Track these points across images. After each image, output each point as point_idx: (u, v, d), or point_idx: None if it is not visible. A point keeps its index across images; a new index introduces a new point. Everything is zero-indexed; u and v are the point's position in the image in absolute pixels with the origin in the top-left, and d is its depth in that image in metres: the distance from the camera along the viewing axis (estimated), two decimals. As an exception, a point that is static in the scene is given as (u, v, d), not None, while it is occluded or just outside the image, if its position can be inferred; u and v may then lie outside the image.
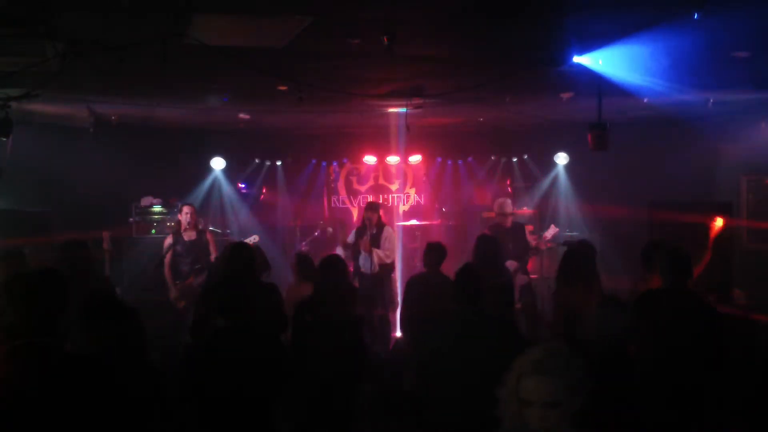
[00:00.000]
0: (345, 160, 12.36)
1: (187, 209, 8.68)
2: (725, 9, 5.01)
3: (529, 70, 6.65)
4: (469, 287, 4.52)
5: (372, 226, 8.70)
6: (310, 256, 7.69)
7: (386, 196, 12.45)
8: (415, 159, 11.92)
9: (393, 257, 8.73)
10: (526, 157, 11.93)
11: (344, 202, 12.45)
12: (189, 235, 8.56)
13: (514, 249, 8.30)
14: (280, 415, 4.51)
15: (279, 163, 12.13)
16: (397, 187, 12.51)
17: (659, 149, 10.33)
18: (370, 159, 12.01)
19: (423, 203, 12.32)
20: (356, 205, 12.28)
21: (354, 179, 12.49)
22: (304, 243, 10.84)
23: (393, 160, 12.08)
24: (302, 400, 4.90)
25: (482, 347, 4.19)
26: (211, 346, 4.23)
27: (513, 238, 8.47)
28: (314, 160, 12.27)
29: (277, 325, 5.44)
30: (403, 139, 10.81)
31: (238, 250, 5.80)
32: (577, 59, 6.10)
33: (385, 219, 10.23)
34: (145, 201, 10.42)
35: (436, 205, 11.61)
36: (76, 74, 6.40)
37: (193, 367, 4.16)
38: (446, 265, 6.70)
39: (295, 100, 7.74)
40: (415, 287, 6.66)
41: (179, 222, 8.76)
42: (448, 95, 7.77)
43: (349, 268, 7.80)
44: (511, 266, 7.82)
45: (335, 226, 10.80)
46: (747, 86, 7.61)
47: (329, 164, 12.30)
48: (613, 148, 7.47)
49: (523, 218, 10.69)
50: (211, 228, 10.46)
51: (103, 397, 3.12)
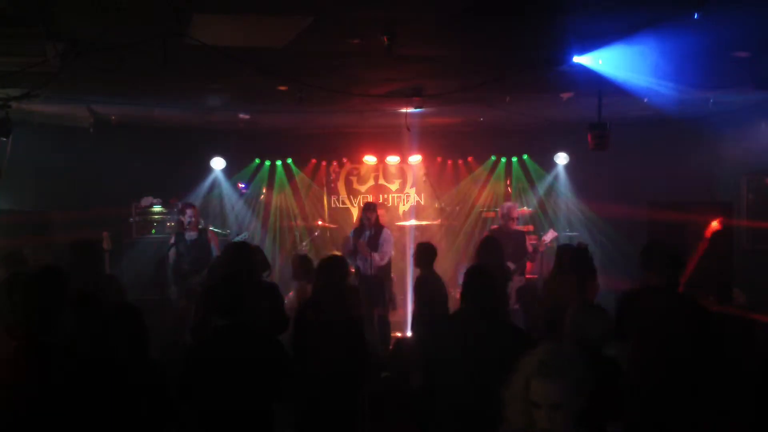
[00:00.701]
0: (345, 160, 12.35)
1: (190, 211, 8.69)
2: (725, 9, 5.02)
3: (529, 70, 6.64)
4: (479, 287, 4.52)
5: (370, 227, 8.72)
6: (309, 256, 7.70)
7: (386, 196, 12.44)
8: (415, 159, 11.92)
9: (387, 259, 8.76)
10: (526, 157, 11.93)
11: (344, 202, 12.45)
12: (191, 235, 8.57)
13: (513, 252, 8.36)
14: (281, 414, 4.51)
15: (279, 162, 12.13)
16: (397, 187, 12.50)
17: (659, 149, 10.32)
18: (370, 159, 12.00)
19: (423, 203, 12.31)
20: (356, 205, 12.27)
21: (354, 179, 12.49)
22: (304, 243, 10.84)
23: (393, 160, 12.08)
24: (303, 400, 4.90)
25: (491, 347, 4.18)
26: (211, 346, 4.23)
27: (513, 243, 8.55)
28: (314, 160, 12.26)
29: (277, 325, 5.44)
30: (403, 139, 10.82)
31: (238, 250, 5.81)
32: (577, 59, 6.10)
33: (385, 219, 10.25)
34: (145, 201, 10.41)
35: (436, 205, 11.60)
36: (76, 74, 6.40)
37: (193, 367, 4.16)
38: (445, 265, 6.73)
39: (295, 100, 7.75)
40: (422, 287, 6.71)
41: (181, 222, 8.77)
42: (448, 95, 7.77)
43: (351, 269, 7.82)
44: (509, 267, 7.89)
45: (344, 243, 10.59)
46: (747, 86, 7.60)
47: (329, 164, 12.30)
48: (613, 148, 7.48)
49: (523, 218, 10.69)
50: (211, 228, 10.46)
51: (104, 394, 3.13)
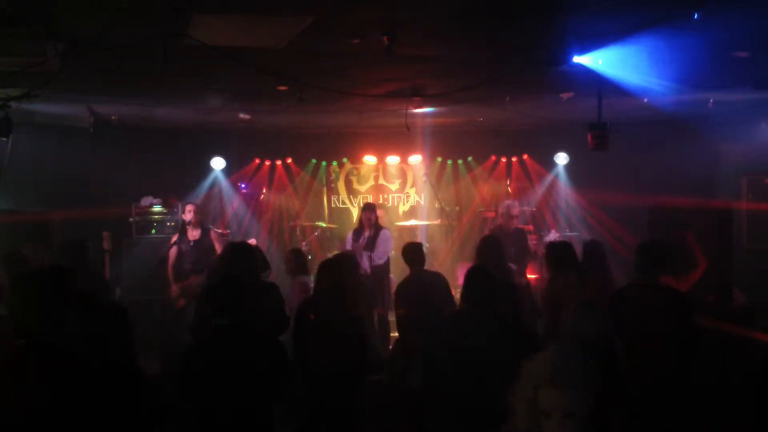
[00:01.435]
0: (345, 160, 12.35)
1: (190, 207, 8.69)
2: (725, 9, 5.02)
3: (529, 70, 6.64)
4: (479, 287, 4.51)
5: (370, 227, 8.73)
6: (303, 250, 7.68)
7: (386, 196, 12.44)
8: (415, 159, 11.92)
9: (385, 258, 8.77)
10: (526, 157, 11.93)
11: (344, 202, 12.45)
12: (193, 234, 8.57)
13: (514, 253, 8.30)
14: (281, 414, 4.51)
15: (279, 162, 12.13)
16: (397, 187, 12.50)
17: (659, 149, 10.33)
18: (370, 159, 12.01)
19: (423, 203, 12.31)
20: (356, 205, 12.27)
21: (354, 179, 12.49)
22: (304, 243, 10.84)
23: (393, 160, 12.08)
24: (303, 400, 4.91)
25: (492, 347, 4.18)
26: (211, 346, 4.23)
27: (515, 242, 8.47)
28: (314, 160, 12.26)
29: (277, 325, 5.44)
30: (403, 139, 10.82)
31: (238, 250, 5.80)
32: (577, 59, 6.10)
33: (384, 220, 10.25)
34: (145, 201, 10.41)
35: (436, 205, 11.60)
36: (76, 74, 6.40)
37: (193, 366, 4.16)
38: (446, 265, 6.70)
39: (295, 100, 7.76)
40: (408, 288, 6.55)
41: (183, 222, 8.77)
42: (448, 95, 7.77)
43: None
44: (511, 268, 7.81)
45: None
46: (747, 86, 7.61)
47: (329, 164, 12.30)
48: (613, 148, 7.47)
49: (524, 217, 10.68)
50: (212, 228, 10.46)
51: (104, 394, 3.12)
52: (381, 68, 6.88)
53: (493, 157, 12.06)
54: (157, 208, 10.40)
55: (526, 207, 11.20)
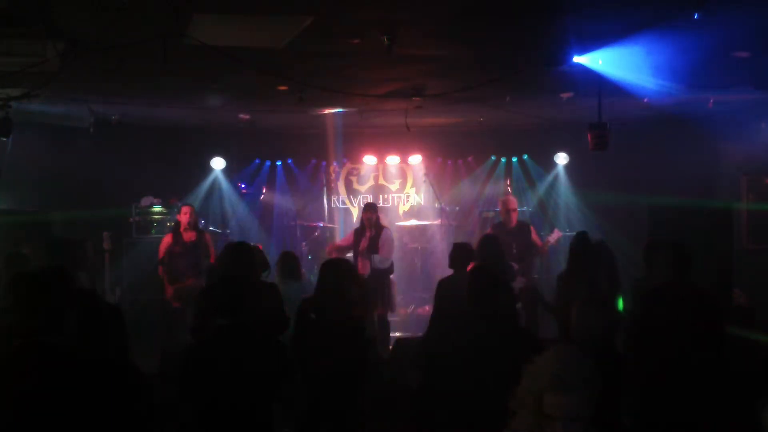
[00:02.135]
0: (345, 160, 12.34)
1: (186, 209, 8.68)
2: (725, 9, 5.02)
3: (529, 70, 6.65)
4: (481, 288, 4.51)
5: (371, 227, 8.70)
6: (295, 254, 7.65)
7: (386, 196, 12.43)
8: (415, 159, 11.91)
9: (390, 261, 8.74)
10: (526, 157, 11.93)
11: (344, 202, 12.45)
12: (189, 235, 8.56)
13: (518, 250, 8.20)
14: (280, 415, 4.51)
15: (279, 163, 12.13)
16: (397, 187, 12.50)
17: (659, 149, 10.33)
18: (370, 159, 12.00)
19: (423, 203, 12.30)
20: (356, 205, 12.27)
21: (354, 179, 12.48)
22: (304, 243, 10.84)
23: (393, 160, 12.07)
24: (303, 400, 4.90)
25: (493, 348, 4.18)
26: (211, 346, 4.23)
27: (517, 239, 8.35)
28: (314, 160, 12.25)
29: (277, 325, 5.44)
30: (403, 139, 10.81)
31: (237, 250, 5.80)
32: (577, 59, 6.10)
33: (384, 220, 10.23)
34: (145, 201, 10.41)
35: (436, 205, 11.59)
36: (76, 74, 6.40)
37: (193, 367, 4.16)
38: (446, 265, 6.65)
39: (295, 100, 7.75)
40: (443, 289, 6.47)
41: (179, 222, 8.76)
42: (448, 95, 7.77)
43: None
44: (513, 267, 7.78)
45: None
46: (747, 86, 7.61)
47: (329, 164, 12.29)
48: (613, 148, 7.47)
49: (524, 216, 10.67)
50: (210, 228, 10.46)
51: (103, 394, 3.12)
52: (381, 68, 6.88)
53: (493, 157, 12.05)
54: (157, 208, 10.39)
55: (525, 208, 11.18)
